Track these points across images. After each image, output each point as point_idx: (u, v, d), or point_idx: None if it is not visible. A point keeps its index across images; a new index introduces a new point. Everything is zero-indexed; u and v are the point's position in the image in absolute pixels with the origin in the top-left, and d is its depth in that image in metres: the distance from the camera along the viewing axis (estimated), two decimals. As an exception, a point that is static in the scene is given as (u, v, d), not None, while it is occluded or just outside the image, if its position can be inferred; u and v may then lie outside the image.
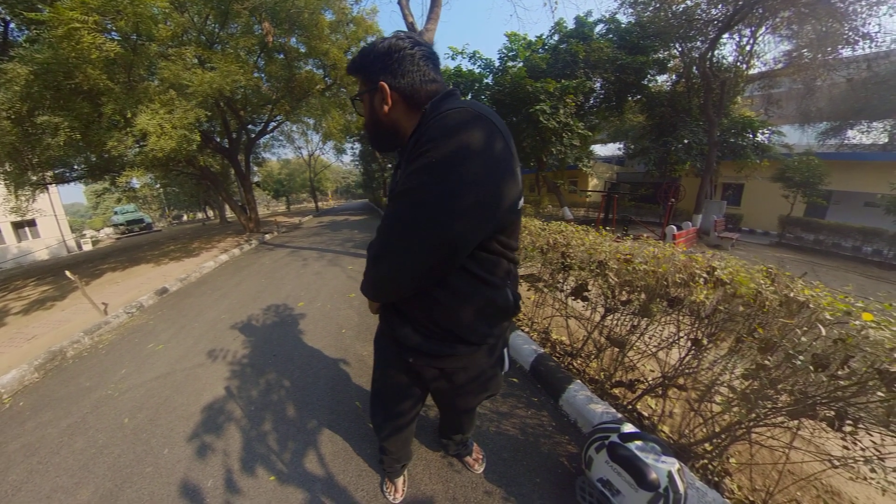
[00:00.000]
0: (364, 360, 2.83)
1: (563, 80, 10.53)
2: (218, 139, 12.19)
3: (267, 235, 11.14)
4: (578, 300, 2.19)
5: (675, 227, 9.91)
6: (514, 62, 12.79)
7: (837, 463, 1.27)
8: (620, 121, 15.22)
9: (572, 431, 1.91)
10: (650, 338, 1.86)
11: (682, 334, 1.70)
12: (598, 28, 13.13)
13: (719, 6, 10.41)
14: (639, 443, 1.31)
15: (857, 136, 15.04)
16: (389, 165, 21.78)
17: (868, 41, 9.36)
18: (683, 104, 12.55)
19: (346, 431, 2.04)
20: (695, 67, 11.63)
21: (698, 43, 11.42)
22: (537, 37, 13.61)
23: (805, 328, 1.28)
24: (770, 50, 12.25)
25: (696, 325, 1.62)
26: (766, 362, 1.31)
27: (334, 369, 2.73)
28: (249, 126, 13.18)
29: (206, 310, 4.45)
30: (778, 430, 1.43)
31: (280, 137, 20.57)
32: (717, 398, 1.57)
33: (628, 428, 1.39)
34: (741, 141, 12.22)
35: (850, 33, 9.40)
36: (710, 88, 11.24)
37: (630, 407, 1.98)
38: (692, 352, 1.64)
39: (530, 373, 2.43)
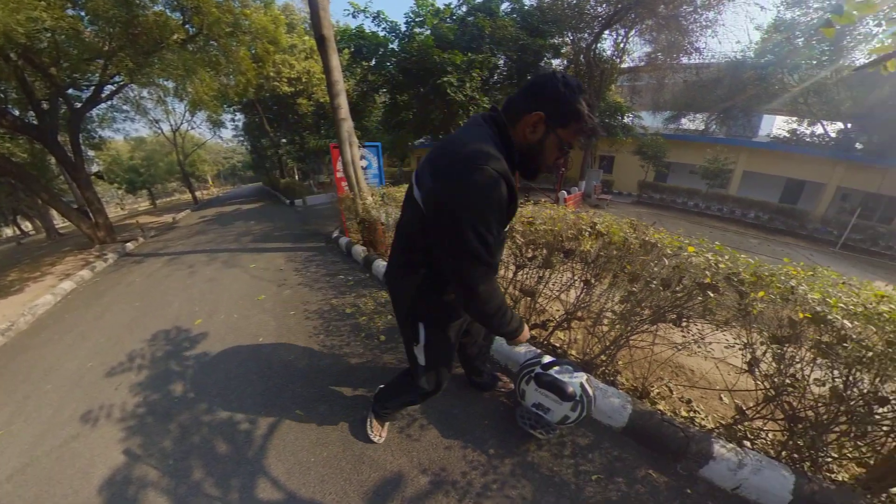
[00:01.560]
0: (293, 366, 2.49)
1: (469, 54, 10.67)
2: (16, 112, 8.05)
3: (129, 244, 8.13)
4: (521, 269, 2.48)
5: (565, 192, 11.77)
6: (422, 29, 12.44)
7: (680, 347, 1.86)
8: None
9: (505, 373, 2.28)
10: (553, 284, 2.24)
11: (576, 278, 2.12)
12: (504, 6, 13.54)
13: (604, 5, 12.68)
14: (556, 368, 1.62)
15: (686, 123, 19.84)
16: (284, 140, 18.82)
17: (698, 54, 13.21)
18: None
19: (293, 444, 1.86)
20: (582, 56, 13.78)
21: (586, 35, 13.45)
22: (446, 5, 13.33)
23: (656, 261, 1.79)
24: (637, 50, 15.32)
25: (586, 269, 2.04)
26: (634, 289, 1.81)
27: (261, 385, 2.35)
28: (71, 91, 8.63)
29: (59, 362, 3.06)
30: (645, 334, 1.96)
31: (125, 108, 13.99)
32: (605, 321, 2.06)
33: (546, 359, 1.70)
34: (613, 122, 15.21)
35: (688, 46, 12.92)
36: (593, 76, 13.40)
37: (545, 342, 2.41)
38: (584, 290, 2.08)
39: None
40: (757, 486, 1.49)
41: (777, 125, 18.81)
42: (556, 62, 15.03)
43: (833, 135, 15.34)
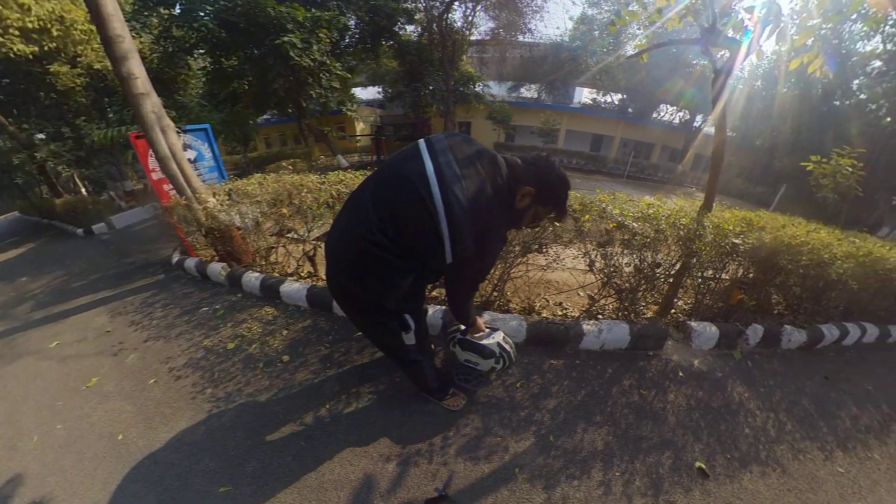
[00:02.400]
0: (186, 443, 1.79)
1: (313, 10, 9.19)
2: None
3: None
4: None
5: None
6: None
7: (545, 268, 2.42)
8: (377, 65, 15.73)
9: (438, 341, 2.31)
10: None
11: None
12: (354, -40, 12.08)
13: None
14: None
15: (524, 92, 23.23)
16: (41, 135, 9.69)
17: (531, 34, 15.96)
18: (427, 55, 14.78)
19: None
20: (435, 24, 13.85)
21: (437, 2, 13.47)
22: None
23: None
24: (483, 24, 16.74)
25: None
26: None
27: (154, 492, 1.57)
28: None
29: None
30: (520, 266, 2.41)
31: None
32: (497, 265, 2.35)
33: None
34: (467, 90, 16.24)
35: (523, 26, 15.53)
36: (446, 45, 13.71)
37: (444, 298, 2.46)
38: None
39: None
40: (612, 340, 2.30)
41: (584, 95, 24.77)
42: (410, 28, 14.76)
43: (616, 102, 21.46)
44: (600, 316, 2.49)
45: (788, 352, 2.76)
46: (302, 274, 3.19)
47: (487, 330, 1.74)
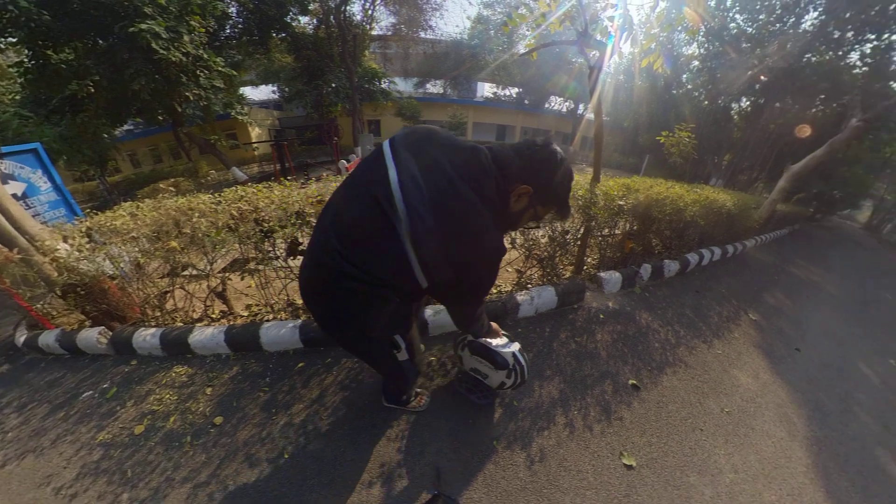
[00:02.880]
0: None
1: None
2: None
3: None
4: (298, 257, 2.15)
5: (345, 161, 11.43)
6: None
7: None
8: (269, 60, 14.14)
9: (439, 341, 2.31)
10: None
11: None
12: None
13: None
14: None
15: (431, 87, 23.77)
16: None
17: (432, 30, 16.37)
18: (326, 50, 13.83)
19: None
20: (332, 17, 13.06)
21: None
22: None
23: None
24: (383, 19, 16.65)
25: None
26: None
27: None
28: None
29: None
30: None
31: None
32: None
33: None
34: (372, 87, 16.02)
35: (424, 22, 15.76)
36: (346, 39, 13.07)
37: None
38: None
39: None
40: (543, 303, 2.63)
41: (486, 89, 26.84)
42: (304, 20, 13.63)
43: (514, 95, 23.84)
44: (529, 285, 2.86)
45: (670, 279, 3.83)
46: (213, 315, 2.56)
47: (505, 338, 1.55)
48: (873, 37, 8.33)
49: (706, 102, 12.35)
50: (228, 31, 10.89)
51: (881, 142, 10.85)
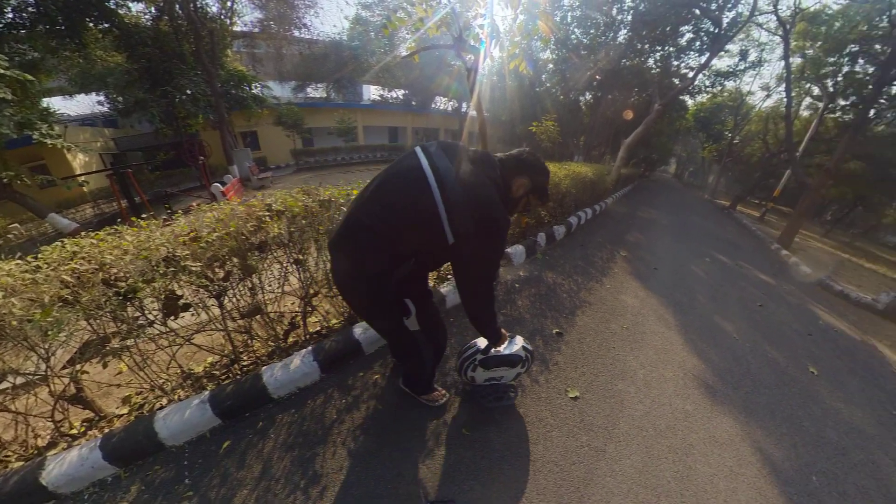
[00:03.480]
0: None
1: None
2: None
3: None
4: (182, 314, 1.61)
5: (219, 185, 8.83)
6: None
7: None
8: (86, 60, 10.25)
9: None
10: (270, 284, 1.95)
11: (285, 264, 1.95)
12: None
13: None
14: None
15: (312, 91, 21.64)
16: None
17: (307, 29, 14.89)
18: (173, 47, 10.69)
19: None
20: (178, 6, 10.48)
21: None
22: None
23: (338, 212, 2.00)
24: (247, 13, 14.38)
25: (289, 251, 1.91)
26: None
27: None
28: None
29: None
30: None
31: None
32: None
33: (482, 343, 1.60)
34: (241, 93, 13.25)
35: (297, 20, 14.27)
36: (200, 35, 10.75)
37: (306, 336, 2.18)
38: (300, 269, 1.98)
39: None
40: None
41: (373, 92, 26.03)
42: (136, 7, 10.69)
43: (402, 97, 23.63)
44: (448, 276, 2.99)
45: (560, 241, 4.68)
46: (73, 431, 1.66)
47: (508, 337, 1.62)
48: (660, 48, 11.80)
49: (562, 97, 14.92)
50: (11, 15, 7.48)
51: (673, 118, 15.97)
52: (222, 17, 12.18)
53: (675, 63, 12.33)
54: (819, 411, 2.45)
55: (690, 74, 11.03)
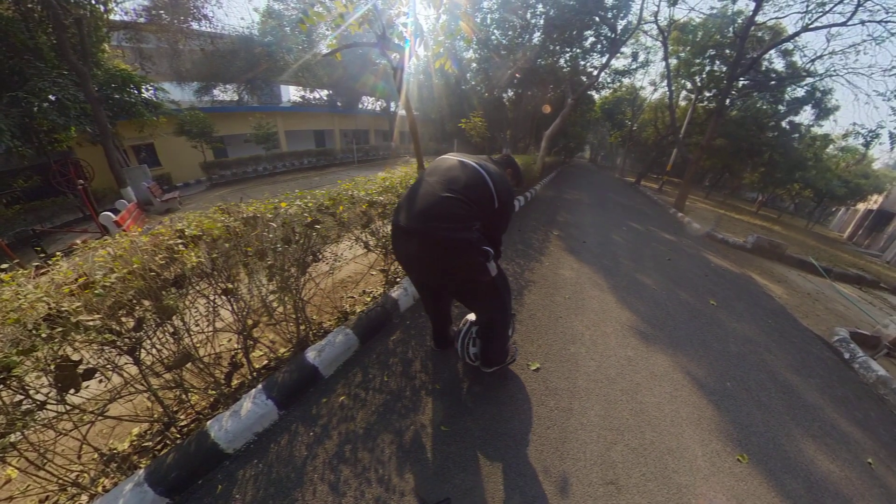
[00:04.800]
0: None
1: None
2: None
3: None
4: (85, 384, 1.21)
5: (111, 214, 6.69)
6: None
7: (331, 272, 2.28)
8: None
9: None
10: (197, 324, 1.60)
11: (212, 297, 1.64)
12: None
13: None
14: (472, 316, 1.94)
15: (220, 94, 18.77)
16: None
17: (208, 21, 12.69)
18: (23, 40, 8.09)
19: None
20: None
21: None
22: None
23: (266, 229, 1.77)
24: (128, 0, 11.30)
25: (214, 281, 1.61)
26: (270, 262, 1.76)
27: None
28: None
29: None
30: (308, 285, 2.11)
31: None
32: (275, 303, 1.95)
33: (471, 317, 1.94)
34: (127, 97, 10.22)
35: (195, 10, 12.00)
36: (62, 24, 8.06)
37: (254, 373, 1.89)
38: (232, 299, 1.68)
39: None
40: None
41: (293, 93, 23.62)
42: None
43: (326, 98, 22.10)
44: (398, 279, 2.90)
45: None
46: None
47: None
48: (569, 49, 12.99)
49: (486, 94, 15.51)
50: None
51: (584, 111, 17.72)
52: (93, 1, 9.26)
53: (582, 63, 13.65)
54: (721, 332, 3.13)
55: (595, 73, 12.83)
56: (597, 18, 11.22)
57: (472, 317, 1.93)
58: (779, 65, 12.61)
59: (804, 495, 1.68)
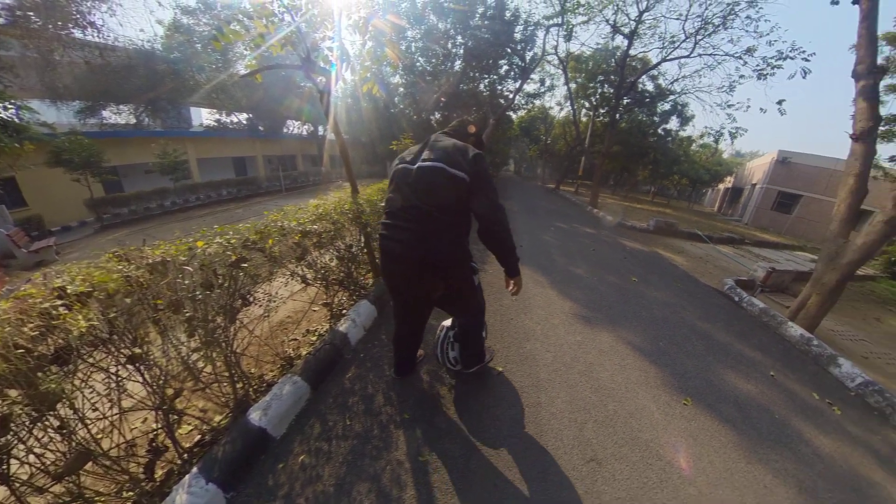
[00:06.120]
0: None
1: None
2: None
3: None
4: None
5: None
6: None
7: (266, 315, 1.92)
8: None
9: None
10: (95, 409, 1.21)
11: (113, 370, 1.27)
12: None
13: None
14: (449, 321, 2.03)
15: (111, 116, 15.53)
16: None
17: (96, 30, 10.16)
18: None
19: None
20: None
21: None
22: None
23: (180, 275, 1.46)
24: None
25: (113, 346, 1.26)
26: (189, 314, 1.45)
27: None
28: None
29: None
30: (241, 334, 1.77)
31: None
32: (200, 363, 1.60)
33: (447, 323, 2.03)
34: None
35: (78, 16, 9.47)
36: None
37: (184, 456, 1.40)
38: (143, 367, 1.33)
39: None
40: (367, 319, 2.65)
41: (205, 116, 21.23)
42: None
43: (245, 122, 20.39)
44: (344, 311, 2.68)
45: None
46: None
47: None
48: (487, 76, 14.37)
49: (415, 117, 15.98)
50: None
51: (505, 129, 19.49)
52: None
53: (499, 87, 15.06)
54: (646, 302, 3.71)
55: (511, 96, 14.35)
56: (508, 50, 12.66)
57: (447, 323, 2.00)
58: (650, 86, 15.88)
59: (737, 415, 2.10)
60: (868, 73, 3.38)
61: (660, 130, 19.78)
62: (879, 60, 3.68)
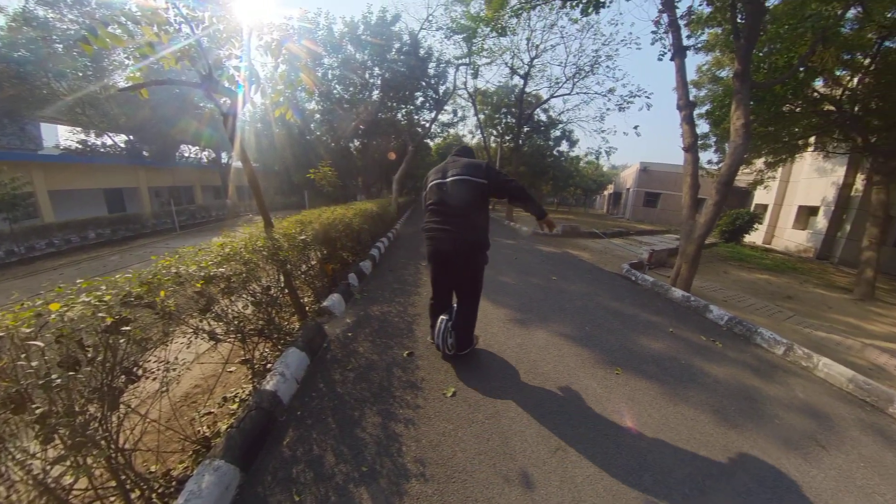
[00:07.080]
0: None
1: None
2: None
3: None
4: None
5: None
6: None
7: (164, 389, 1.73)
8: None
9: None
10: None
11: None
12: None
13: None
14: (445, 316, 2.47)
15: None
16: None
17: None
18: None
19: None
20: None
21: None
22: None
23: (21, 353, 1.06)
24: None
25: None
26: (43, 408, 1.04)
27: None
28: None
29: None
30: (131, 421, 1.42)
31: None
32: (69, 472, 1.11)
33: (444, 315, 2.48)
34: None
35: None
36: None
37: None
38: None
39: None
40: (298, 370, 2.23)
41: (63, 136, 16.59)
42: None
43: (123, 145, 16.57)
44: (269, 365, 2.23)
45: (372, 274, 4.93)
46: None
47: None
48: (404, 106, 15.16)
49: (333, 144, 15.65)
50: None
51: (423, 156, 21.60)
52: None
53: (416, 117, 15.86)
54: (567, 295, 4.28)
55: (427, 125, 15.34)
56: (423, 83, 13.61)
57: (444, 316, 2.43)
58: (543, 117, 19.64)
59: (656, 370, 2.57)
60: (685, 105, 4.86)
61: (555, 152, 23.77)
62: (691, 97, 5.40)
